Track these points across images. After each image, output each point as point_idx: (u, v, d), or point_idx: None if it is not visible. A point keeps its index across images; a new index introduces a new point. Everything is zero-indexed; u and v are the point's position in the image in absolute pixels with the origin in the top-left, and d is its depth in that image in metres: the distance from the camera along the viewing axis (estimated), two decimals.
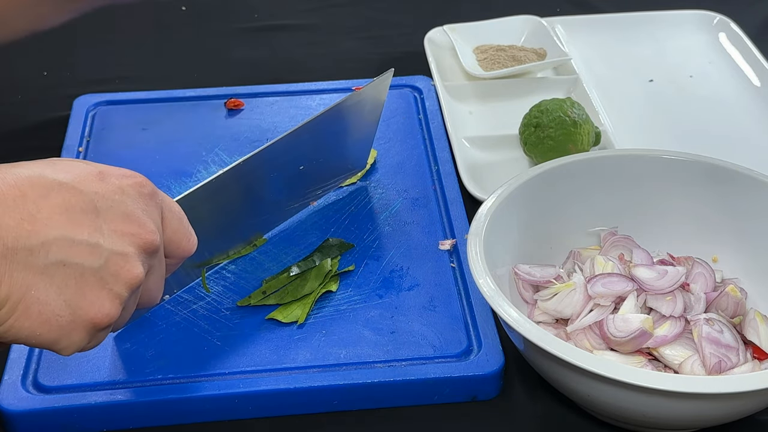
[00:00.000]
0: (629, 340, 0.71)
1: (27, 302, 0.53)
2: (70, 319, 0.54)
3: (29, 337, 0.54)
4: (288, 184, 0.85)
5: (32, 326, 0.53)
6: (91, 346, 0.58)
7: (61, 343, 0.55)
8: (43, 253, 0.53)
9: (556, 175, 0.81)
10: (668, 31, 1.20)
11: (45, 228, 0.53)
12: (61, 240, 0.53)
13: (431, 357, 0.75)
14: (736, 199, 0.80)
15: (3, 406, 0.71)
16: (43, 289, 0.53)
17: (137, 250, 0.57)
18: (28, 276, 0.52)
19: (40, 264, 0.53)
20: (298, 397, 0.73)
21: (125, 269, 0.56)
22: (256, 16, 1.28)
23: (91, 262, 0.54)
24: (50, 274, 0.53)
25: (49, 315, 0.53)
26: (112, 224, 0.55)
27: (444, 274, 0.83)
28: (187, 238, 0.62)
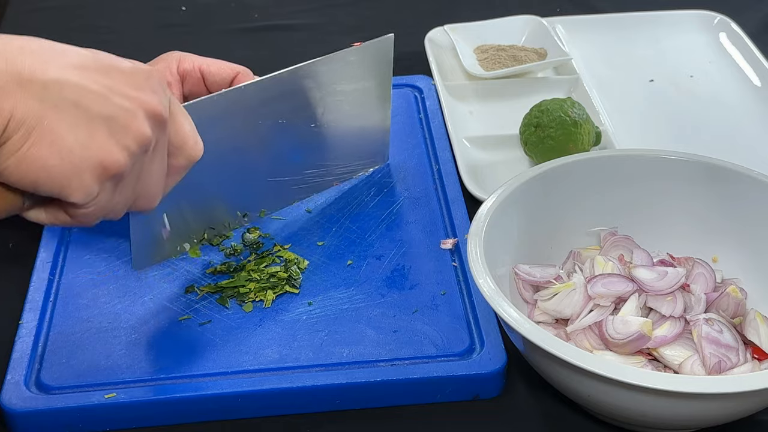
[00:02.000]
0: (627, 343, 0.71)
1: (40, 131, 0.54)
2: (81, 156, 0.56)
3: (41, 170, 0.55)
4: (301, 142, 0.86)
5: (45, 156, 0.55)
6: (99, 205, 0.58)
7: (72, 183, 0.56)
8: (56, 89, 0.55)
9: (556, 175, 0.81)
10: (669, 31, 1.20)
11: (60, 71, 0.55)
12: (74, 84, 0.55)
13: (433, 356, 0.75)
14: (737, 199, 0.80)
15: (6, 405, 0.71)
16: (56, 122, 0.55)
17: (144, 112, 0.58)
18: (41, 108, 0.54)
19: (53, 98, 0.55)
20: (301, 396, 0.73)
21: (134, 125, 0.57)
22: (256, 16, 1.28)
23: (100, 110, 0.56)
24: (63, 111, 0.55)
25: (61, 147, 0.55)
26: (123, 87, 0.57)
27: (446, 273, 0.83)
28: (194, 140, 0.64)
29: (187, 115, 0.64)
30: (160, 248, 0.79)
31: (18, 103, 0.54)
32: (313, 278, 0.83)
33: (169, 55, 0.86)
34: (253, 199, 0.86)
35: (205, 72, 0.86)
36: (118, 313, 0.79)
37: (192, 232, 0.82)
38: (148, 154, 0.60)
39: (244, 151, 0.82)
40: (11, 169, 0.55)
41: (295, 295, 0.81)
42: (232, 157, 0.80)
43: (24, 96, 0.54)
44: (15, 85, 0.54)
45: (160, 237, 0.78)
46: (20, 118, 0.54)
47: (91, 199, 0.58)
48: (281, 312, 0.80)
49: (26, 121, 0.54)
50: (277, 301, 0.81)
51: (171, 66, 0.85)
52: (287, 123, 0.84)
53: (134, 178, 0.60)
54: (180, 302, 0.80)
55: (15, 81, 0.54)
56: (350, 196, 0.92)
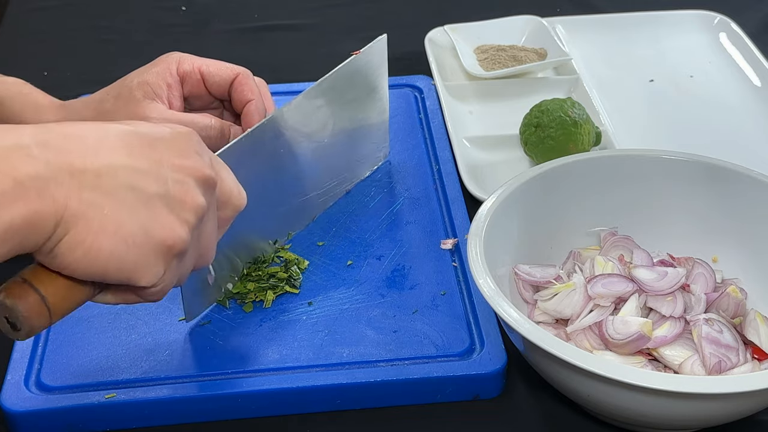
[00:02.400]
0: (627, 343, 0.71)
1: (103, 221, 0.53)
2: (145, 239, 0.55)
3: (109, 260, 0.54)
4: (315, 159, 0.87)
5: (111, 245, 0.54)
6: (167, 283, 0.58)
7: (140, 269, 0.55)
8: (110, 175, 0.54)
9: (556, 175, 0.81)
10: (669, 31, 1.20)
11: (109, 156, 0.54)
12: (126, 167, 0.55)
13: (433, 356, 0.75)
14: (736, 199, 0.80)
15: (6, 406, 0.71)
16: (116, 210, 0.54)
17: (195, 181, 0.58)
18: (98, 197, 0.53)
19: (108, 186, 0.54)
20: (301, 396, 0.73)
21: (189, 196, 0.57)
22: (256, 16, 1.28)
23: (156, 189, 0.55)
24: (120, 197, 0.54)
25: (126, 234, 0.54)
26: (170, 158, 0.57)
27: (446, 274, 0.83)
28: (238, 189, 0.64)
29: (226, 165, 0.64)
30: (207, 294, 0.79)
31: (72, 193, 0.52)
32: (313, 278, 0.83)
33: (168, 56, 0.86)
34: (281, 224, 0.86)
35: (204, 73, 0.86)
36: (118, 313, 0.79)
37: (233, 270, 0.82)
38: (203, 220, 0.60)
39: (269, 181, 0.83)
40: (78, 262, 0.54)
41: (295, 296, 0.81)
42: (261, 190, 0.80)
43: (78, 186, 0.53)
44: (67, 176, 0.52)
45: (206, 284, 0.78)
46: (77, 210, 0.53)
47: (159, 279, 0.57)
48: (281, 312, 0.80)
49: (85, 212, 0.53)
50: (277, 302, 0.81)
51: (171, 67, 0.85)
52: (304, 143, 0.86)
53: (195, 246, 0.60)
54: (180, 302, 0.80)
55: (66, 172, 0.52)
56: (350, 197, 0.93)
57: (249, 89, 0.84)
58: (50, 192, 0.52)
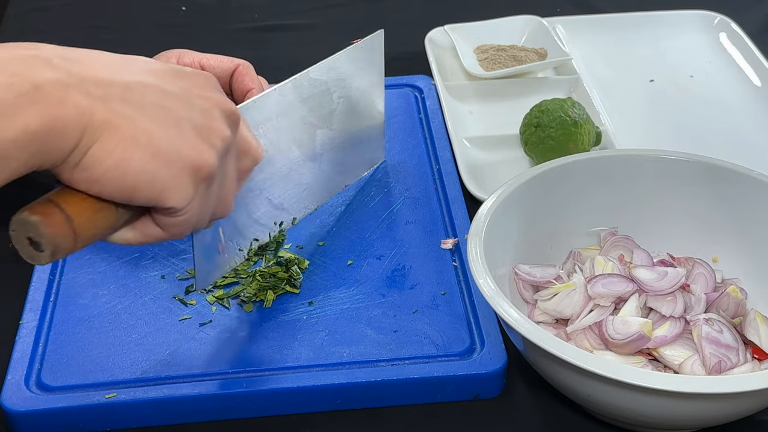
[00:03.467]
0: (627, 343, 0.71)
1: (133, 132, 0.52)
2: (175, 157, 0.54)
3: (141, 174, 0.52)
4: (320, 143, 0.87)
5: (143, 157, 0.52)
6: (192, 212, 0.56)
7: (170, 187, 0.54)
8: (139, 91, 0.53)
9: (556, 175, 0.81)
10: (669, 31, 1.20)
11: (137, 74, 0.53)
12: (155, 86, 0.54)
13: (434, 356, 0.75)
14: (737, 199, 0.80)
15: (6, 406, 0.71)
16: (147, 122, 0.52)
17: (222, 113, 0.57)
18: (128, 108, 0.52)
19: (138, 100, 0.52)
20: (301, 396, 0.73)
21: (215, 124, 0.56)
22: (256, 16, 1.28)
23: (184, 112, 0.55)
24: (150, 113, 0.53)
25: (158, 148, 0.53)
26: (196, 89, 0.57)
27: (446, 273, 0.83)
28: (255, 142, 0.63)
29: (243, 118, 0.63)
30: (217, 264, 0.78)
31: (98, 103, 0.50)
32: (314, 278, 0.83)
33: (168, 51, 0.86)
34: (285, 206, 0.86)
35: (205, 66, 0.85)
36: (118, 313, 0.79)
37: (240, 243, 0.81)
38: (229, 153, 0.59)
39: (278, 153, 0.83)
40: (107, 174, 0.52)
41: (296, 295, 0.81)
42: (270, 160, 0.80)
43: (105, 96, 0.51)
44: (92, 85, 0.51)
45: (217, 252, 0.77)
46: (105, 118, 0.51)
47: (188, 203, 0.56)
48: (281, 312, 0.80)
49: (113, 120, 0.51)
50: (278, 301, 0.81)
51: (171, 61, 0.85)
52: (308, 125, 0.85)
53: (220, 180, 0.59)
54: (180, 302, 0.80)
55: (92, 82, 0.51)
56: (350, 196, 0.92)
57: (249, 79, 0.84)
58: (73, 99, 0.50)
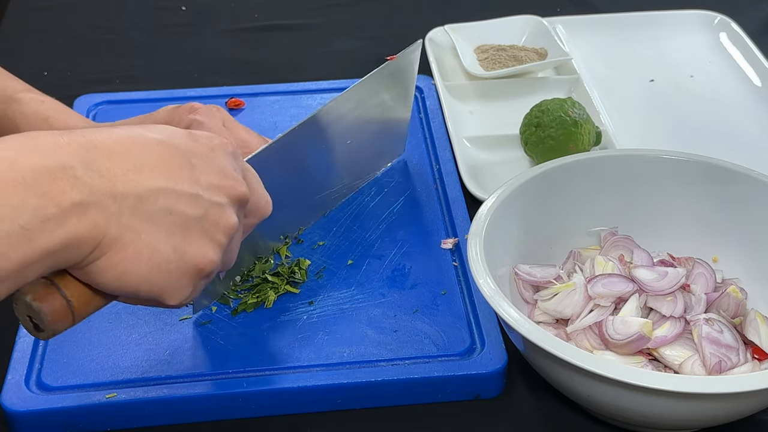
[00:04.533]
0: (627, 343, 0.71)
1: (138, 247, 0.54)
2: (178, 265, 0.56)
3: (141, 284, 0.55)
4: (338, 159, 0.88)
5: (143, 271, 0.54)
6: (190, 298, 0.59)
7: (168, 291, 0.56)
8: (152, 200, 0.54)
9: (556, 175, 0.81)
10: (669, 30, 1.20)
11: (150, 178, 0.54)
12: (166, 190, 0.55)
13: (434, 355, 0.75)
14: (737, 199, 0.80)
15: (6, 406, 0.71)
16: (154, 235, 0.54)
17: (231, 201, 0.59)
18: (137, 222, 0.54)
19: (148, 211, 0.54)
20: (301, 396, 0.73)
21: (223, 219, 0.58)
22: (256, 16, 1.28)
23: (193, 212, 0.56)
24: (158, 222, 0.54)
25: (160, 260, 0.55)
26: (208, 178, 0.57)
27: (446, 273, 0.83)
28: (265, 199, 0.64)
29: (255, 174, 0.64)
30: (214, 289, 0.79)
31: (112, 218, 0.53)
32: (314, 278, 0.83)
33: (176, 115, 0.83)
34: (292, 220, 0.86)
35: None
36: (118, 313, 0.79)
37: (242, 264, 0.81)
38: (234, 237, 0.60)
39: (291, 184, 0.83)
40: (109, 284, 0.54)
41: (296, 295, 0.81)
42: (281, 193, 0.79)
43: (119, 211, 0.53)
44: (110, 199, 0.52)
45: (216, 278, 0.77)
46: (115, 234, 0.53)
47: (187, 299, 0.58)
48: (282, 312, 0.80)
49: (122, 236, 0.53)
50: (278, 301, 0.81)
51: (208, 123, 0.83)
52: (329, 145, 0.86)
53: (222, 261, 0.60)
54: None
55: (110, 195, 0.52)
56: (351, 196, 0.92)
57: None
58: (92, 217, 0.52)
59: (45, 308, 0.54)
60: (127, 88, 1.10)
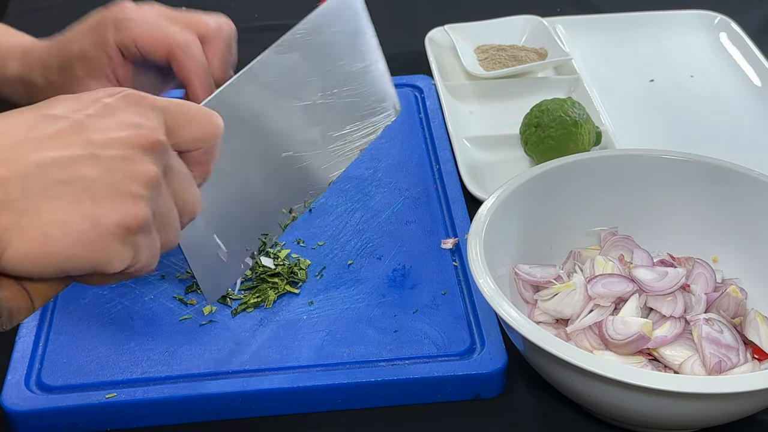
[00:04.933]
0: (627, 343, 0.71)
1: (43, 227, 0.51)
2: (97, 231, 0.52)
3: (65, 263, 0.51)
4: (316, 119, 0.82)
5: (60, 249, 0.51)
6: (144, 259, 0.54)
7: (101, 260, 0.52)
8: (39, 175, 0.51)
9: (556, 175, 0.81)
10: (669, 30, 1.20)
11: (35, 152, 0.51)
12: (56, 159, 0.51)
13: (434, 355, 0.75)
14: (737, 199, 0.80)
15: (6, 405, 0.71)
16: (56, 210, 0.51)
17: (141, 150, 0.54)
18: (31, 202, 0.51)
19: (40, 187, 0.50)
20: (301, 396, 0.73)
21: (134, 169, 0.53)
22: (256, 16, 1.28)
23: (93, 172, 0.52)
24: (56, 195, 0.51)
25: (73, 232, 0.51)
26: (106, 134, 0.53)
27: (446, 273, 0.83)
28: (208, 118, 0.58)
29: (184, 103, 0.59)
30: (224, 272, 0.75)
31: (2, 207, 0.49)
32: (314, 278, 0.83)
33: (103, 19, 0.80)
34: (291, 192, 0.81)
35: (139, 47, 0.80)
36: (118, 313, 0.79)
37: (248, 243, 0.78)
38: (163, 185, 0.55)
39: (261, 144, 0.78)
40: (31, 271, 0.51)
41: (296, 295, 0.81)
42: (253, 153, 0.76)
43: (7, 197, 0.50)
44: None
45: (219, 260, 0.76)
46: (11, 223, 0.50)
47: (130, 262, 0.53)
48: (282, 312, 0.80)
49: (19, 222, 0.50)
50: (278, 301, 0.81)
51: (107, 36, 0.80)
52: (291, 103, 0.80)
53: (166, 212, 0.56)
54: (180, 302, 0.80)
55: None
56: (350, 196, 0.93)
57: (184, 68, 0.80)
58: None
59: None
60: None
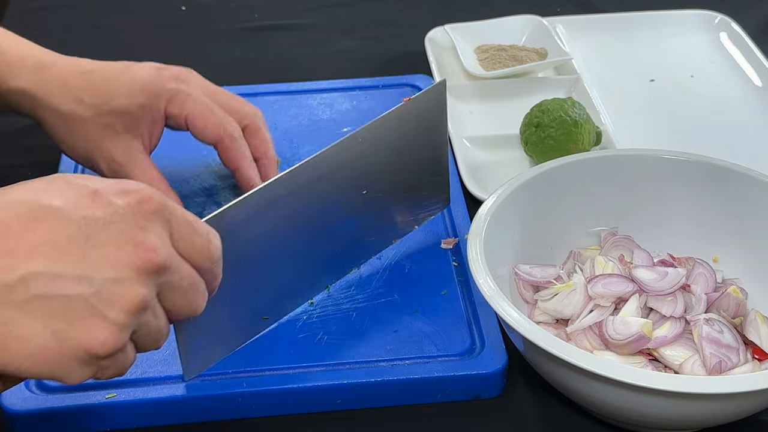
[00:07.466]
0: (627, 343, 0.71)
1: (5, 339, 0.50)
2: (60, 350, 0.51)
3: (21, 373, 0.52)
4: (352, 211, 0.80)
5: (14, 361, 0.51)
6: (107, 376, 0.54)
7: (58, 375, 0.52)
8: (21, 288, 0.50)
9: (556, 175, 0.81)
10: (669, 30, 1.20)
11: (25, 263, 0.50)
12: (43, 273, 0.50)
13: (434, 355, 0.75)
14: (737, 199, 0.80)
15: (6, 406, 0.71)
16: (23, 325, 0.50)
17: (135, 272, 0.52)
18: (4, 312, 0.50)
19: (18, 299, 0.50)
20: (301, 396, 0.73)
21: (119, 294, 0.52)
22: (256, 16, 1.28)
23: (78, 292, 0.51)
24: (31, 309, 0.50)
25: (32, 350, 0.51)
26: (103, 249, 0.52)
27: (446, 273, 0.83)
28: (207, 242, 0.57)
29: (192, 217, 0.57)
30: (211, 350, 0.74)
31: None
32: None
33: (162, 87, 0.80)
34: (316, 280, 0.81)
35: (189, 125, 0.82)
36: None
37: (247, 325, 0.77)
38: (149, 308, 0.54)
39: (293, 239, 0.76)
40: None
41: None
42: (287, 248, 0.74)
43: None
44: None
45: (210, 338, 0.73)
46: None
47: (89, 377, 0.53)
48: None
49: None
50: None
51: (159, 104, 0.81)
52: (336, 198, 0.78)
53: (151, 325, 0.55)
54: None
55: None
56: None
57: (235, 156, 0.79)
58: None
59: None
60: None
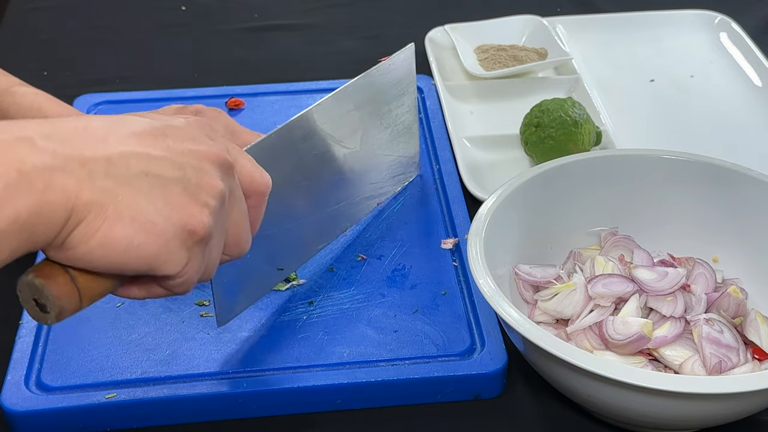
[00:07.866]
0: (627, 343, 0.71)
1: (118, 208, 0.52)
2: (165, 226, 0.53)
3: (127, 250, 0.52)
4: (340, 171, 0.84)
5: (128, 233, 0.52)
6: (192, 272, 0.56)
7: (161, 257, 0.53)
8: (123, 163, 0.52)
9: (556, 175, 0.81)
10: (669, 30, 1.20)
11: (120, 143, 0.53)
12: (138, 153, 0.53)
13: (434, 356, 0.75)
14: (737, 199, 0.80)
15: (6, 406, 0.71)
16: (132, 197, 0.52)
17: (212, 165, 0.56)
18: (112, 184, 0.52)
19: (122, 173, 0.52)
20: (301, 396, 0.73)
21: (205, 180, 0.55)
22: (256, 16, 1.28)
23: (171, 174, 0.54)
24: (135, 184, 0.52)
25: (144, 221, 0.52)
26: (182, 145, 0.55)
27: (446, 273, 0.83)
28: (260, 173, 0.61)
29: (244, 152, 0.62)
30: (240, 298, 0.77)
31: (83, 182, 0.51)
32: (314, 278, 0.83)
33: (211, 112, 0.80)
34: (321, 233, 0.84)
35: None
36: (118, 313, 0.79)
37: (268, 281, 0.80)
38: (226, 205, 0.57)
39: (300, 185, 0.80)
40: (93, 253, 0.52)
41: (296, 295, 0.81)
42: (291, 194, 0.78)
43: (89, 175, 0.51)
44: (77, 165, 0.51)
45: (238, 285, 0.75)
46: (90, 198, 0.51)
47: (183, 268, 0.55)
48: (281, 312, 0.80)
49: (98, 199, 0.51)
50: (278, 301, 0.81)
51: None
52: (335, 148, 0.83)
53: (220, 233, 0.58)
54: (180, 302, 0.80)
55: (77, 161, 0.51)
56: None
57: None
58: (59, 182, 0.50)
59: (49, 284, 0.53)
60: (127, 88, 1.10)
